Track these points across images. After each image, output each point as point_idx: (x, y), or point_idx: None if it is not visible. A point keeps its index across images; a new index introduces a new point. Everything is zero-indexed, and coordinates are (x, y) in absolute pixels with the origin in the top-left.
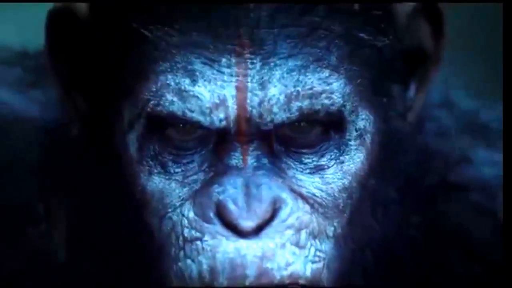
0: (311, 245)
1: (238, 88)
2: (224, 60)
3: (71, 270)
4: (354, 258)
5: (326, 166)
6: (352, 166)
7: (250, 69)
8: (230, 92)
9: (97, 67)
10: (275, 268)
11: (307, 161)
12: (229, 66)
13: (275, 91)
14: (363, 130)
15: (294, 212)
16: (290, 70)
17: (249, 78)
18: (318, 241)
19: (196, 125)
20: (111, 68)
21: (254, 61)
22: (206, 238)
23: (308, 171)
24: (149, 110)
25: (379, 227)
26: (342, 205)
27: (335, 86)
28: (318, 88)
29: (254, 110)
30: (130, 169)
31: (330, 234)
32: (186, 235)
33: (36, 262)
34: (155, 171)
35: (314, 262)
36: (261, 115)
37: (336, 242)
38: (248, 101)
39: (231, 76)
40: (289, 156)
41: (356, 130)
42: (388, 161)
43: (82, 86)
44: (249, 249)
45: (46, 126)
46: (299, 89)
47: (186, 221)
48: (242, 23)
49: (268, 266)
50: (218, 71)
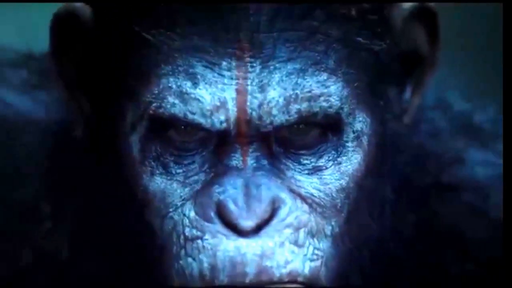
0: (310, 243)
1: (238, 90)
2: (224, 63)
3: (75, 268)
4: (351, 256)
5: (324, 167)
6: (349, 167)
7: (250, 72)
8: (230, 94)
9: (100, 70)
10: (275, 266)
11: (306, 162)
12: (229, 69)
13: (275, 94)
14: (360, 132)
15: (292, 211)
16: (289, 73)
17: (249, 81)
18: (316, 240)
19: (197, 127)
20: (114, 70)
21: (254, 64)
22: (206, 237)
23: (306, 172)
24: (151, 112)
25: (376, 227)
26: (339, 205)
27: (333, 89)
28: (317, 91)
29: (254, 113)
30: (132, 169)
31: (328, 233)
32: (187, 234)
33: (41, 260)
34: (157, 172)
35: (312, 260)
36: (260, 117)
37: (333, 241)
38: (248, 103)
39: (232, 79)
40: (288, 157)
41: (353, 132)
42: (384, 162)
43: (85, 88)
44: (249, 247)
45: (51, 127)
46: (298, 92)
47: (187, 220)
48: (242, 28)
49: (267, 264)
50: (219, 74)
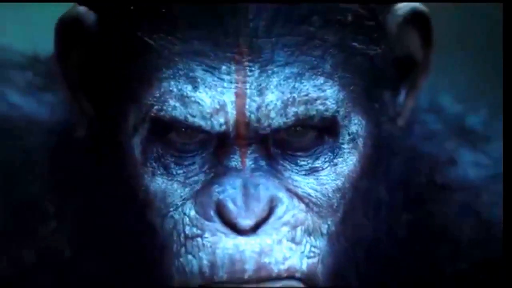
0: (307, 241)
1: (237, 94)
2: (224, 67)
3: (78, 266)
4: (347, 254)
5: (320, 168)
6: (345, 168)
7: (249, 76)
8: (229, 98)
9: (103, 73)
10: (273, 262)
11: (303, 163)
12: (228, 73)
13: (273, 97)
14: (356, 134)
15: (289, 210)
16: (287, 77)
17: (247, 85)
18: (313, 238)
19: (197, 129)
20: (117, 74)
21: (253, 68)
22: (206, 235)
23: (303, 173)
24: (152, 114)
25: (371, 226)
26: (335, 204)
27: (329, 92)
28: (313, 94)
29: (253, 115)
30: (134, 170)
31: (324, 231)
32: (187, 233)
33: (44, 259)
34: (158, 173)
35: (309, 258)
36: (259, 120)
37: (330, 239)
38: (246, 106)
39: (231, 82)
40: (285, 158)
41: (349, 134)
42: (379, 163)
43: (88, 91)
44: (247, 245)
45: (55, 128)
46: (295, 95)
47: (187, 219)
48: (241, 33)
49: (266, 260)
50: (218, 78)
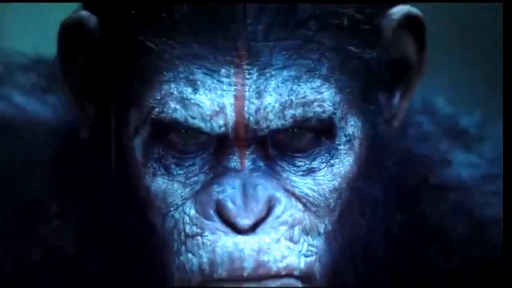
0: (304, 240)
1: (236, 96)
2: (223, 70)
3: (81, 263)
4: (343, 253)
5: (317, 169)
6: (341, 168)
7: (248, 79)
8: (229, 100)
9: (105, 76)
10: (271, 260)
11: (300, 164)
12: (228, 76)
13: (271, 100)
14: (352, 135)
15: (287, 209)
16: (285, 80)
17: (246, 88)
18: (310, 237)
19: (197, 131)
20: (119, 77)
21: (251, 71)
22: (206, 234)
23: (301, 173)
24: (153, 116)
25: (367, 225)
26: (332, 204)
27: (326, 95)
28: (311, 97)
29: (251, 117)
30: (135, 170)
31: (322, 230)
32: (187, 231)
33: (49, 257)
34: (159, 173)
35: (307, 256)
36: (257, 122)
37: (327, 238)
38: (245, 108)
39: (230, 85)
40: (283, 159)
41: (345, 136)
42: (374, 164)
43: (91, 93)
44: (246, 243)
45: (58, 129)
46: (293, 98)
47: (187, 218)
48: (240, 37)
49: (264, 259)
50: (218, 81)
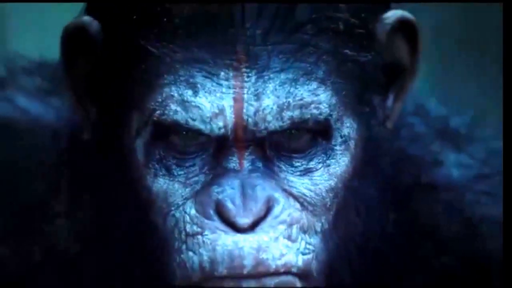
0: (302, 239)
1: (235, 99)
2: (222, 73)
3: (84, 262)
4: (339, 250)
5: (314, 169)
6: (337, 169)
7: (246, 82)
8: (228, 102)
9: (107, 79)
10: (270, 258)
11: (297, 164)
12: (227, 79)
13: (269, 102)
14: (348, 136)
15: (285, 209)
16: (282, 83)
17: (245, 90)
18: (307, 235)
19: (197, 132)
20: (121, 80)
21: (250, 74)
22: (206, 233)
23: (298, 173)
24: (155, 118)
25: (362, 223)
26: (329, 203)
27: (323, 97)
28: (308, 99)
29: (250, 119)
30: (137, 171)
31: (318, 229)
32: (188, 230)
33: (52, 255)
34: (160, 174)
35: (304, 254)
36: (256, 124)
37: (323, 236)
38: (244, 111)
39: (229, 88)
40: (281, 160)
41: (341, 137)
42: (369, 164)
43: (93, 96)
44: (246, 242)
45: (61, 130)
46: (290, 100)
47: (188, 217)
48: (238, 41)
49: (263, 257)
50: (217, 84)
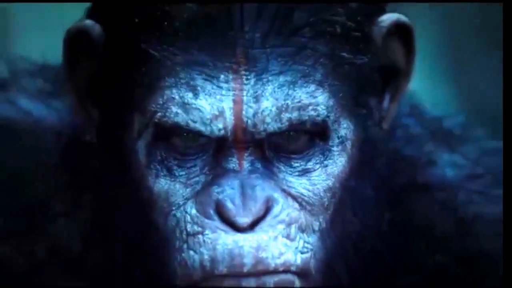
0: (300, 238)
1: (235, 101)
2: (222, 76)
3: (86, 260)
4: (336, 249)
5: (312, 169)
6: (335, 169)
7: (245, 84)
8: (228, 104)
9: (109, 82)
10: (270, 257)
11: (296, 165)
12: (226, 82)
13: (268, 104)
14: (345, 137)
15: (284, 209)
16: (281, 85)
17: (244, 92)
18: (306, 234)
19: (198, 134)
20: (122, 83)
21: (249, 77)
22: (207, 232)
23: (296, 174)
24: (156, 120)
25: (358, 222)
26: (326, 203)
27: (320, 99)
28: (306, 101)
29: (249, 121)
30: (139, 172)
31: (316, 228)
32: (189, 230)
33: (55, 254)
34: (162, 174)
35: (303, 253)
36: (255, 125)
37: (321, 235)
38: (243, 112)
39: (229, 90)
40: (279, 160)
41: (338, 138)
42: (365, 164)
43: (96, 98)
44: (245, 241)
45: (64, 132)
46: (289, 102)
47: (189, 217)
48: (238, 44)
49: (263, 255)
50: (217, 86)
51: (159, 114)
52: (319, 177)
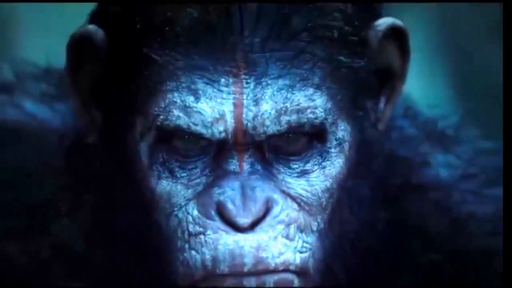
0: (299, 237)
1: (235, 104)
2: (222, 80)
3: (89, 259)
4: (334, 248)
5: (310, 171)
6: (332, 170)
7: (245, 88)
8: (228, 108)
9: (112, 86)
10: (270, 257)
11: (295, 166)
12: (227, 86)
13: (267, 107)
14: (342, 139)
15: (284, 209)
16: (280, 88)
17: (244, 96)
18: (304, 234)
19: (199, 136)
20: (125, 87)
21: (249, 81)
22: (208, 232)
23: (295, 175)
24: (158, 123)
25: (355, 222)
26: (324, 203)
27: (318, 102)
28: (304, 104)
29: (249, 124)
30: (141, 173)
31: (315, 228)
32: (190, 230)
33: (59, 253)
34: (164, 176)
35: (302, 252)
36: (255, 128)
37: (319, 235)
38: (244, 115)
39: (229, 94)
40: (279, 162)
41: (336, 140)
42: (362, 165)
43: (99, 101)
44: (246, 241)
45: (67, 134)
46: (288, 105)
47: (190, 218)
48: (238, 49)
49: (263, 255)
50: (218, 90)
51: (161, 117)
52: (317, 178)
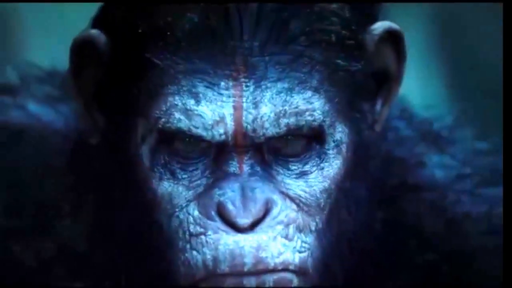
0: (298, 237)
1: (235, 107)
2: (222, 83)
3: (92, 259)
4: (332, 248)
5: (309, 172)
6: (330, 171)
7: (245, 91)
8: (228, 111)
9: (114, 89)
10: (269, 256)
11: (293, 167)
12: (227, 89)
13: (266, 110)
14: (340, 141)
15: (283, 210)
16: (279, 91)
17: (244, 99)
18: (303, 234)
19: (199, 139)
20: (127, 90)
21: (248, 84)
22: (209, 233)
23: (294, 176)
24: (159, 126)
25: (352, 222)
26: (322, 204)
27: (317, 105)
28: (302, 107)
29: (249, 126)
30: (143, 175)
31: (313, 228)
32: (191, 231)
33: (62, 252)
34: (165, 177)
35: (301, 252)
36: (254, 130)
37: (318, 235)
38: (243, 118)
39: (229, 97)
40: (278, 163)
41: (334, 141)
42: (359, 166)
43: (101, 104)
44: (246, 241)
45: (70, 135)
46: (287, 108)
47: (191, 218)
48: (237, 52)
49: (263, 255)
50: (218, 93)
51: (163, 120)
52: (316, 179)
